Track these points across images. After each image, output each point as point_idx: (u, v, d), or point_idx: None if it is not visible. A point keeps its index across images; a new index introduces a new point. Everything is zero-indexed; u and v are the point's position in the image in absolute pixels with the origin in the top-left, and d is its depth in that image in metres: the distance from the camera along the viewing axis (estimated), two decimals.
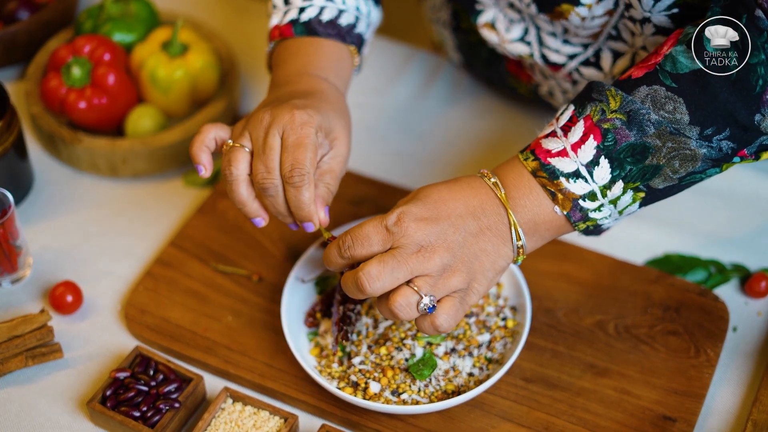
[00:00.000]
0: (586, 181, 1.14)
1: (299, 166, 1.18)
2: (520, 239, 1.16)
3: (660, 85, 1.12)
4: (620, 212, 1.17)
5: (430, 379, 1.25)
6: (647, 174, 1.14)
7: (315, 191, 1.21)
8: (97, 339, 1.36)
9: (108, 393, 1.26)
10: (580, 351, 1.31)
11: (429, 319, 1.13)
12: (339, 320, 1.29)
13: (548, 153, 1.15)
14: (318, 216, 1.21)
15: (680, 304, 1.35)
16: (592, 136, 1.14)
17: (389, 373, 1.25)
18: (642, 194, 1.16)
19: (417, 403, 1.24)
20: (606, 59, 1.35)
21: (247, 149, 1.22)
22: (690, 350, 1.31)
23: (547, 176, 1.15)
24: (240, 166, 1.21)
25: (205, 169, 1.25)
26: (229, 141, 1.23)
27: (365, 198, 1.48)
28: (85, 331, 1.37)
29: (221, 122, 1.58)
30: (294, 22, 1.33)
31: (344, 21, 1.33)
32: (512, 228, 1.15)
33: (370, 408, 1.22)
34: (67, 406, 1.29)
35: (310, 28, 1.32)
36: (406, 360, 1.26)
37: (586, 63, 1.37)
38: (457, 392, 1.25)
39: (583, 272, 1.39)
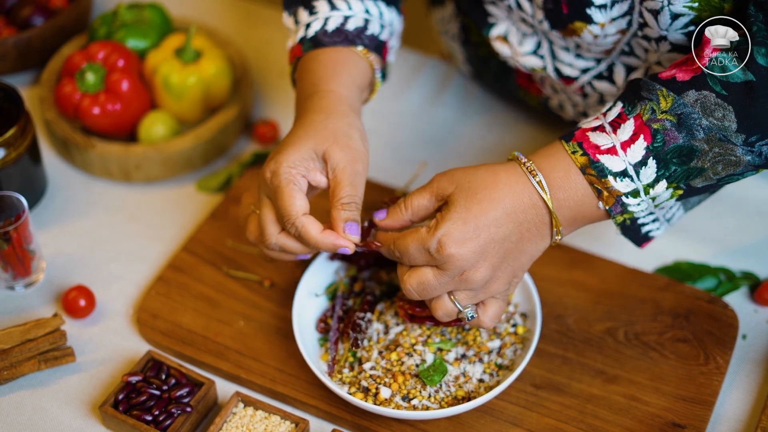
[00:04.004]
0: (632, 180, 1.16)
1: (287, 216, 1.19)
2: (560, 234, 1.18)
3: (710, 91, 1.14)
4: (656, 205, 1.19)
5: (441, 385, 1.26)
6: (691, 175, 1.16)
7: (336, 215, 1.20)
8: (110, 343, 1.37)
9: (120, 397, 1.26)
10: (589, 358, 1.32)
11: (475, 322, 1.22)
12: (337, 340, 1.31)
13: (597, 149, 1.16)
14: (343, 238, 1.20)
15: (690, 311, 1.36)
16: (642, 136, 1.15)
17: (400, 379, 1.25)
18: (680, 192, 1.18)
19: (427, 408, 1.24)
20: (619, 74, 1.35)
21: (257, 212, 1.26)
22: (699, 357, 1.31)
23: (596, 174, 1.16)
24: (253, 231, 1.26)
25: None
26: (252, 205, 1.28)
27: (376, 204, 1.49)
28: (97, 335, 1.38)
29: (235, 127, 1.59)
30: (303, 40, 1.34)
31: (351, 26, 1.33)
32: (554, 227, 1.18)
33: (381, 413, 1.23)
34: (79, 409, 1.30)
35: (317, 41, 1.32)
36: (417, 366, 1.27)
37: (598, 77, 1.37)
38: (467, 398, 1.26)
39: (593, 279, 1.39)
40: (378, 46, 1.35)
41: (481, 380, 1.27)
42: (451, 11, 1.59)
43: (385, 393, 1.25)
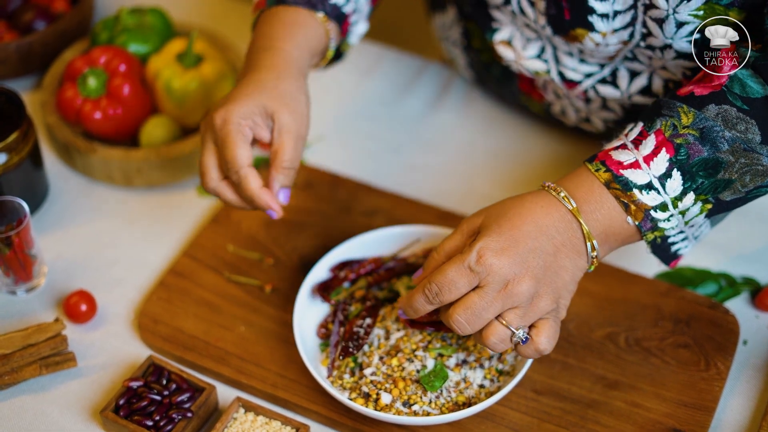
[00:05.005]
0: (659, 192, 1.16)
1: (231, 164, 1.25)
2: (595, 250, 1.17)
3: (730, 106, 1.14)
4: (686, 222, 1.19)
5: (441, 391, 1.26)
6: (719, 187, 1.17)
7: (275, 177, 1.26)
8: (111, 348, 1.37)
9: (121, 402, 1.27)
10: (590, 363, 1.32)
11: (532, 347, 1.17)
12: (338, 342, 1.31)
13: (620, 165, 1.17)
14: (276, 202, 1.27)
15: (691, 317, 1.36)
16: (664, 149, 1.15)
17: (400, 385, 1.25)
18: (710, 206, 1.18)
19: (428, 414, 1.24)
20: (623, 78, 1.36)
21: None
22: (700, 363, 1.31)
23: (621, 188, 1.16)
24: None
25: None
26: None
27: (378, 209, 1.49)
28: (98, 340, 1.38)
29: None
30: None
31: None
32: (587, 240, 1.17)
33: (382, 419, 1.23)
34: (80, 414, 1.30)
35: None
36: (418, 371, 1.27)
37: (602, 81, 1.37)
38: (468, 404, 1.26)
39: (594, 284, 1.39)
40: (339, 17, 1.38)
41: (481, 386, 1.27)
42: (452, 16, 1.59)
43: (385, 398, 1.25)
